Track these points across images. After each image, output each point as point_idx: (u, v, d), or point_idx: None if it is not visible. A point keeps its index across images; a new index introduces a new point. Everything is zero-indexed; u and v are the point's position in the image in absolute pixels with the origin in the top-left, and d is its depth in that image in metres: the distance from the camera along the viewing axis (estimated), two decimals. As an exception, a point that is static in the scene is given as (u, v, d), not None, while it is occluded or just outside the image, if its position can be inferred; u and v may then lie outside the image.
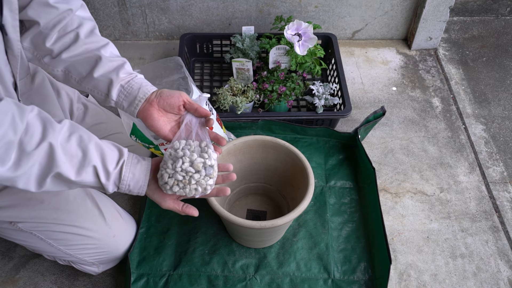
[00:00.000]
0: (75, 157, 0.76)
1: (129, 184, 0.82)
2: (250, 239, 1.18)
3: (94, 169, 0.78)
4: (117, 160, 0.81)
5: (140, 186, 0.84)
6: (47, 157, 0.73)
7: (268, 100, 1.46)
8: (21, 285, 1.18)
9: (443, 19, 1.76)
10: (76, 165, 0.76)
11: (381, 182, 1.42)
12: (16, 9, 0.78)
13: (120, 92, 0.89)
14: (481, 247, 1.28)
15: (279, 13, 1.75)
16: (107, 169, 0.79)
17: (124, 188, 0.82)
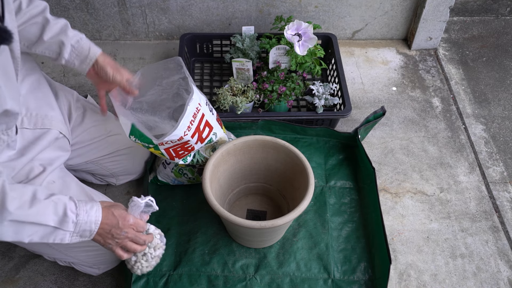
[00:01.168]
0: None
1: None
2: (250, 239, 1.18)
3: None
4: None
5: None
6: None
7: (268, 100, 1.46)
8: (21, 285, 1.18)
9: (443, 19, 1.76)
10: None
11: (381, 182, 1.42)
12: (13, 10, 0.79)
13: (72, 52, 1.01)
14: (481, 247, 1.28)
15: (279, 13, 1.75)
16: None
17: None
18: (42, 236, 0.83)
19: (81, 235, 0.87)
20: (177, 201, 1.31)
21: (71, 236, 0.86)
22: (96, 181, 1.33)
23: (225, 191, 1.23)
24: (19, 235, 0.81)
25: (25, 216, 0.79)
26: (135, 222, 0.94)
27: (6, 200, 0.77)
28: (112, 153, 1.21)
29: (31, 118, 0.99)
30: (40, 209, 0.81)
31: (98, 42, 1.83)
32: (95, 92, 1.65)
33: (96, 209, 0.88)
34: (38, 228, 0.82)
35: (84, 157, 1.19)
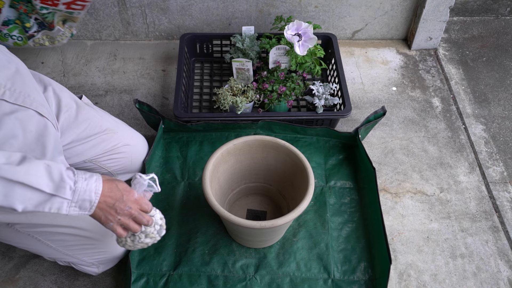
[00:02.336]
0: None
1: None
2: (250, 239, 1.18)
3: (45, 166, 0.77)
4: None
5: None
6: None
7: (268, 100, 1.46)
8: (21, 285, 1.18)
9: (443, 19, 1.76)
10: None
11: (381, 182, 1.42)
12: None
13: None
14: (481, 247, 1.28)
15: (279, 13, 1.75)
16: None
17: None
18: (37, 204, 0.76)
19: (80, 206, 0.81)
20: (177, 201, 1.31)
21: (69, 205, 0.79)
22: None
23: (225, 191, 1.23)
24: (9, 199, 0.74)
25: (13, 173, 0.72)
26: (140, 198, 0.88)
27: None
28: (109, 151, 1.21)
29: (13, 93, 0.93)
30: (31, 168, 0.75)
31: (98, 42, 1.83)
32: (94, 92, 1.65)
33: (96, 178, 0.82)
34: (30, 192, 0.75)
35: (82, 156, 1.18)
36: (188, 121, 1.41)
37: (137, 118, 1.57)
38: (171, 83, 1.69)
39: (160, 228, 0.96)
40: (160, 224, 0.96)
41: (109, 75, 1.72)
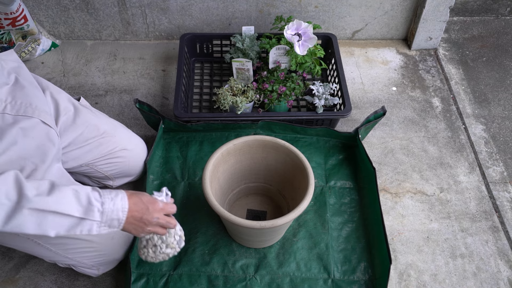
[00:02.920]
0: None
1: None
2: (250, 239, 1.18)
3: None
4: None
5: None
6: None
7: (268, 100, 1.46)
8: (21, 285, 1.18)
9: (443, 19, 1.76)
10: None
11: (381, 182, 1.42)
12: None
13: None
14: (481, 247, 1.28)
15: (279, 13, 1.75)
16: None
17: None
18: (68, 228, 0.79)
19: (109, 224, 0.84)
20: (177, 201, 1.31)
21: (99, 226, 0.82)
22: (92, 183, 1.31)
23: (225, 191, 1.23)
24: (43, 227, 0.77)
25: (44, 203, 0.76)
26: (164, 206, 0.91)
27: (24, 187, 0.75)
28: (106, 155, 1.20)
29: (14, 105, 0.95)
30: (60, 196, 0.78)
31: (98, 42, 1.83)
32: (94, 92, 1.65)
33: (121, 196, 0.85)
34: (61, 218, 0.78)
35: (79, 160, 1.17)
36: (188, 121, 1.41)
37: (137, 118, 1.57)
38: (171, 83, 1.69)
39: (180, 239, 1.00)
40: (180, 235, 1.00)
41: (109, 75, 1.72)
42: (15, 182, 0.75)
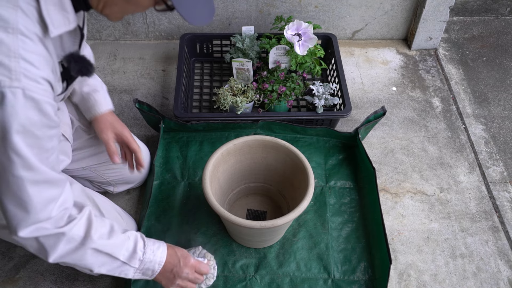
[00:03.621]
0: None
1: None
2: (250, 239, 1.18)
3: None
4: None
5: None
6: None
7: (268, 100, 1.46)
8: (21, 285, 1.18)
9: (443, 19, 1.76)
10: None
11: (381, 182, 1.42)
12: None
13: (80, 100, 1.08)
14: (481, 247, 1.28)
15: (279, 13, 1.75)
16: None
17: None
18: (110, 269, 0.87)
19: (143, 273, 0.91)
20: (177, 201, 1.31)
21: (135, 272, 0.89)
22: (94, 188, 1.31)
23: (225, 191, 1.23)
24: (94, 263, 0.84)
25: (104, 246, 0.83)
26: (197, 263, 0.96)
27: (91, 229, 0.81)
28: (110, 161, 1.20)
29: None
30: (117, 241, 0.85)
31: (98, 42, 1.83)
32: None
33: (162, 250, 0.92)
34: (109, 259, 0.85)
35: (81, 163, 1.18)
36: (188, 121, 1.41)
37: (137, 118, 1.57)
38: (171, 83, 1.69)
39: (214, 269, 1.06)
40: (213, 266, 1.06)
41: (109, 75, 1.72)
42: (87, 220, 0.82)
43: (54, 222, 0.76)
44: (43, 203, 0.73)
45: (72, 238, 0.79)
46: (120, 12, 0.74)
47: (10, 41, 0.59)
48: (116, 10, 0.73)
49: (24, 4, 0.61)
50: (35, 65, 0.62)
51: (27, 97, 0.61)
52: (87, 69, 0.76)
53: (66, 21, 0.67)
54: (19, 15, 0.60)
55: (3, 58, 0.58)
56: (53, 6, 0.64)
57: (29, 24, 0.61)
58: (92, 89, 1.08)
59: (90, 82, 1.09)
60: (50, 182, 0.73)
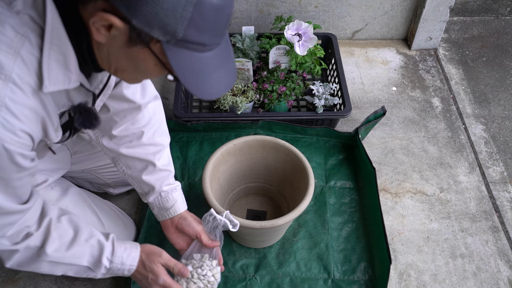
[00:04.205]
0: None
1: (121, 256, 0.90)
2: (250, 239, 1.18)
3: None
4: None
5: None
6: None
7: (268, 100, 1.46)
8: (21, 285, 1.18)
9: (443, 19, 1.76)
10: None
11: (381, 182, 1.42)
12: (107, 95, 0.83)
13: (156, 199, 1.03)
14: (481, 247, 1.28)
15: (279, 13, 1.75)
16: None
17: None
18: (76, 273, 0.87)
19: (113, 274, 0.91)
20: (177, 201, 1.31)
21: (103, 275, 0.90)
22: (93, 189, 1.31)
23: (225, 191, 1.23)
24: (54, 271, 0.84)
25: (61, 258, 0.82)
26: (166, 283, 0.91)
27: (47, 242, 0.80)
28: (109, 164, 1.20)
29: None
30: (77, 252, 0.84)
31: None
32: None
33: (133, 257, 0.90)
34: (71, 267, 0.85)
35: (81, 165, 1.18)
36: (188, 121, 1.41)
37: (137, 118, 1.56)
38: (171, 83, 1.69)
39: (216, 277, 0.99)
40: (213, 275, 0.99)
41: (109, 75, 1.72)
42: (43, 233, 0.80)
43: (10, 239, 0.75)
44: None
45: (26, 252, 0.79)
46: (133, 79, 0.73)
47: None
48: (129, 77, 0.71)
49: (26, 53, 0.60)
50: (18, 116, 0.61)
51: (1, 146, 0.61)
52: (91, 122, 0.73)
53: (66, 80, 0.66)
54: (17, 64, 0.59)
55: None
56: (55, 62, 0.63)
57: (25, 74, 0.60)
58: (171, 188, 1.04)
59: (157, 141, 1.03)
60: (11, 213, 0.72)
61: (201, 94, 0.64)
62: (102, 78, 0.79)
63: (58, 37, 0.62)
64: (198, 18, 0.56)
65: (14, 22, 0.59)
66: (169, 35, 0.57)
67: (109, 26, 0.58)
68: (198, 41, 0.59)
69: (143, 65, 0.64)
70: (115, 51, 0.63)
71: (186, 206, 1.06)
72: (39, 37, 0.61)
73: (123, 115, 0.95)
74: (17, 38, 0.59)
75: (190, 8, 0.55)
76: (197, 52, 0.60)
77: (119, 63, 0.66)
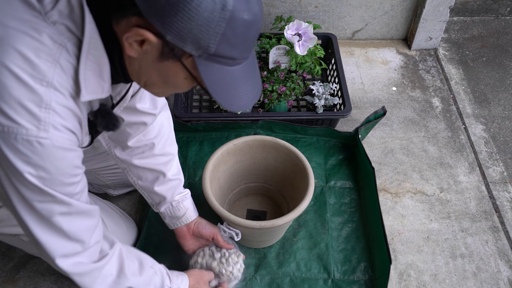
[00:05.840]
0: None
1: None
2: (250, 239, 1.18)
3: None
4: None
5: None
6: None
7: (268, 100, 1.46)
8: (21, 285, 1.18)
9: (443, 19, 1.76)
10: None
11: (381, 182, 1.42)
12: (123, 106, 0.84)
13: (168, 209, 1.05)
14: (481, 247, 1.28)
15: (279, 13, 1.75)
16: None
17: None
18: None
19: None
20: (177, 201, 1.31)
21: None
22: (93, 190, 1.31)
23: (225, 191, 1.23)
24: None
25: (137, 283, 0.85)
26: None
27: (124, 267, 0.82)
28: (109, 166, 1.20)
29: None
30: (147, 277, 0.87)
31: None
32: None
33: (185, 283, 0.96)
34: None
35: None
36: (188, 121, 1.41)
37: (137, 118, 1.56)
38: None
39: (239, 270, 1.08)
40: (238, 268, 1.07)
41: (109, 75, 1.71)
42: (118, 257, 0.82)
43: (89, 256, 0.76)
44: (78, 233, 0.73)
45: (106, 276, 0.80)
46: (161, 92, 0.74)
47: (43, 93, 0.59)
48: (158, 91, 0.72)
49: (64, 61, 0.61)
50: (63, 116, 0.63)
51: (55, 147, 0.62)
52: (114, 124, 0.75)
53: (100, 89, 0.67)
54: (57, 71, 0.61)
55: (34, 108, 0.59)
56: (91, 72, 0.64)
57: (64, 81, 0.62)
58: (182, 197, 1.06)
59: (167, 151, 1.05)
60: (83, 213, 0.73)
61: (230, 107, 0.65)
62: (121, 90, 0.80)
63: (95, 48, 0.63)
64: (230, 33, 0.57)
65: (51, 32, 0.60)
66: (201, 50, 0.58)
67: (142, 41, 0.59)
68: (229, 55, 0.60)
69: (174, 79, 0.65)
70: (146, 65, 0.65)
71: (197, 213, 1.08)
72: (76, 47, 0.62)
73: (136, 127, 0.97)
74: (55, 47, 0.60)
75: (223, 24, 0.56)
76: (228, 66, 0.62)
77: (150, 77, 0.67)
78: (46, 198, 0.66)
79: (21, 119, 0.58)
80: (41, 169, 0.62)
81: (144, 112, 0.94)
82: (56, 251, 0.71)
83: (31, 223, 0.68)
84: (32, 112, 0.59)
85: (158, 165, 1.02)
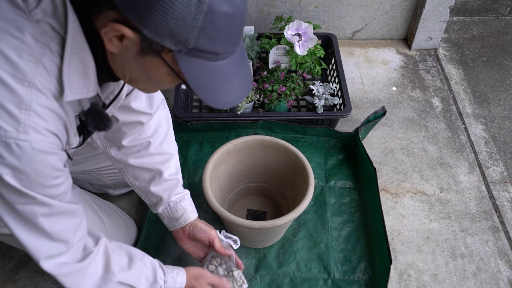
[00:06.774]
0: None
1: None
2: (250, 239, 1.18)
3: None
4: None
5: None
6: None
7: (268, 100, 1.46)
8: (21, 285, 1.18)
9: (443, 19, 1.76)
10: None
11: (381, 182, 1.42)
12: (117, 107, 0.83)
13: (165, 210, 1.03)
14: (481, 247, 1.28)
15: (279, 13, 1.75)
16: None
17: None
18: None
19: None
20: (177, 201, 1.31)
21: None
22: (93, 189, 1.31)
23: (225, 191, 1.23)
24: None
25: (126, 278, 0.83)
26: (214, 280, 0.97)
27: (111, 263, 0.81)
28: (109, 166, 1.20)
29: None
30: (137, 271, 0.86)
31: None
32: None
33: (181, 275, 0.93)
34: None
35: (81, 167, 1.17)
36: (188, 121, 1.41)
37: (137, 118, 1.56)
38: (171, 83, 1.69)
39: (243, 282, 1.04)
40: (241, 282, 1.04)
41: (109, 75, 1.71)
42: (104, 254, 0.81)
43: (72, 254, 0.75)
44: (61, 233, 0.72)
45: (92, 274, 0.79)
46: (147, 88, 0.72)
47: (24, 93, 0.58)
48: (143, 87, 0.71)
49: (47, 61, 0.60)
50: (45, 118, 0.61)
51: (34, 149, 0.61)
52: (105, 124, 0.74)
53: (85, 89, 0.66)
54: (39, 71, 0.59)
55: (14, 109, 0.58)
56: (76, 71, 0.63)
57: (46, 81, 0.61)
58: (180, 197, 1.04)
59: (164, 150, 1.03)
60: (66, 213, 0.72)
61: (214, 103, 0.63)
62: (114, 90, 0.79)
63: (78, 46, 0.62)
64: (209, 27, 0.55)
65: (34, 31, 0.59)
66: (180, 44, 0.57)
67: (121, 36, 0.58)
68: (210, 50, 0.58)
69: (156, 74, 0.64)
70: (128, 61, 0.63)
71: (196, 214, 1.05)
72: (59, 46, 0.61)
73: (132, 126, 0.96)
74: (37, 47, 0.59)
75: (201, 17, 0.54)
76: (210, 61, 0.60)
77: (133, 73, 0.66)
78: (27, 200, 0.65)
79: (0, 120, 0.57)
80: (19, 171, 0.61)
81: (140, 111, 0.93)
82: (40, 252, 0.70)
83: (14, 226, 0.67)
84: (11, 113, 0.58)
85: (154, 164, 1.00)
